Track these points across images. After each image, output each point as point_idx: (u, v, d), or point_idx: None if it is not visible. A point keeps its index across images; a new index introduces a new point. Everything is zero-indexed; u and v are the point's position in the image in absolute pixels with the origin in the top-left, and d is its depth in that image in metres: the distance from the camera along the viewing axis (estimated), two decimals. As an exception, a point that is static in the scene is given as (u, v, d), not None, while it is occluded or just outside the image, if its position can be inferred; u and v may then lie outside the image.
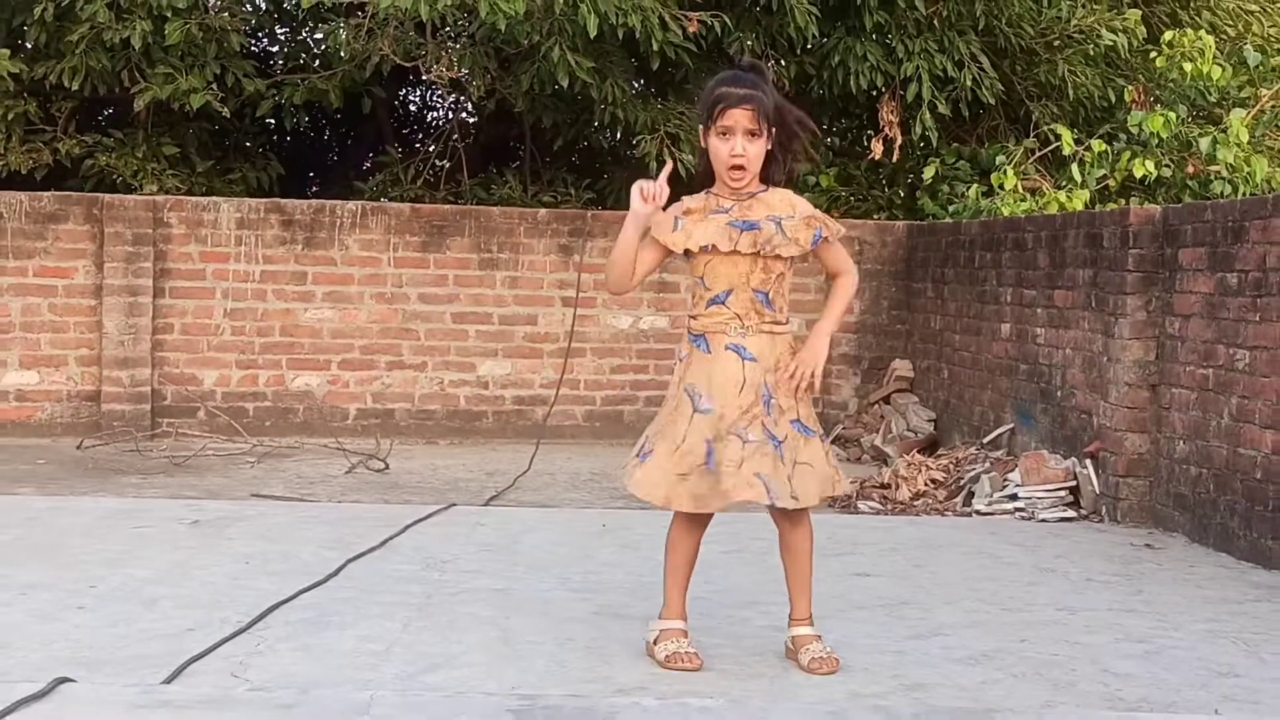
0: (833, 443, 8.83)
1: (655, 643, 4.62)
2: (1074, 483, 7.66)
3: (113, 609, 5.12)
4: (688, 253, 4.58)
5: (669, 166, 4.66)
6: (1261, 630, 5.24)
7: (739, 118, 4.45)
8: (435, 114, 14.27)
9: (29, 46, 10.70)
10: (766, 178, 4.59)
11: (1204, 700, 4.37)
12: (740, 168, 4.48)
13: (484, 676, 4.40)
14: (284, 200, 10.58)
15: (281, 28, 12.48)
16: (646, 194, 4.46)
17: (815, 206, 4.76)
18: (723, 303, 4.53)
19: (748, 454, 4.44)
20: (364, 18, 10.34)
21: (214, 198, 10.54)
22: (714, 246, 4.49)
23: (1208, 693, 4.45)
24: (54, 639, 4.70)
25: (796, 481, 4.48)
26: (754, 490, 4.44)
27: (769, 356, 4.52)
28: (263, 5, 11.98)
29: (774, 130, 4.51)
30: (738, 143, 4.46)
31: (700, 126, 4.61)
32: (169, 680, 4.24)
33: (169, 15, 10.18)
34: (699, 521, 4.67)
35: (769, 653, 4.72)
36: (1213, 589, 5.92)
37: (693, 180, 4.95)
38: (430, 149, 12.29)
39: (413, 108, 14.61)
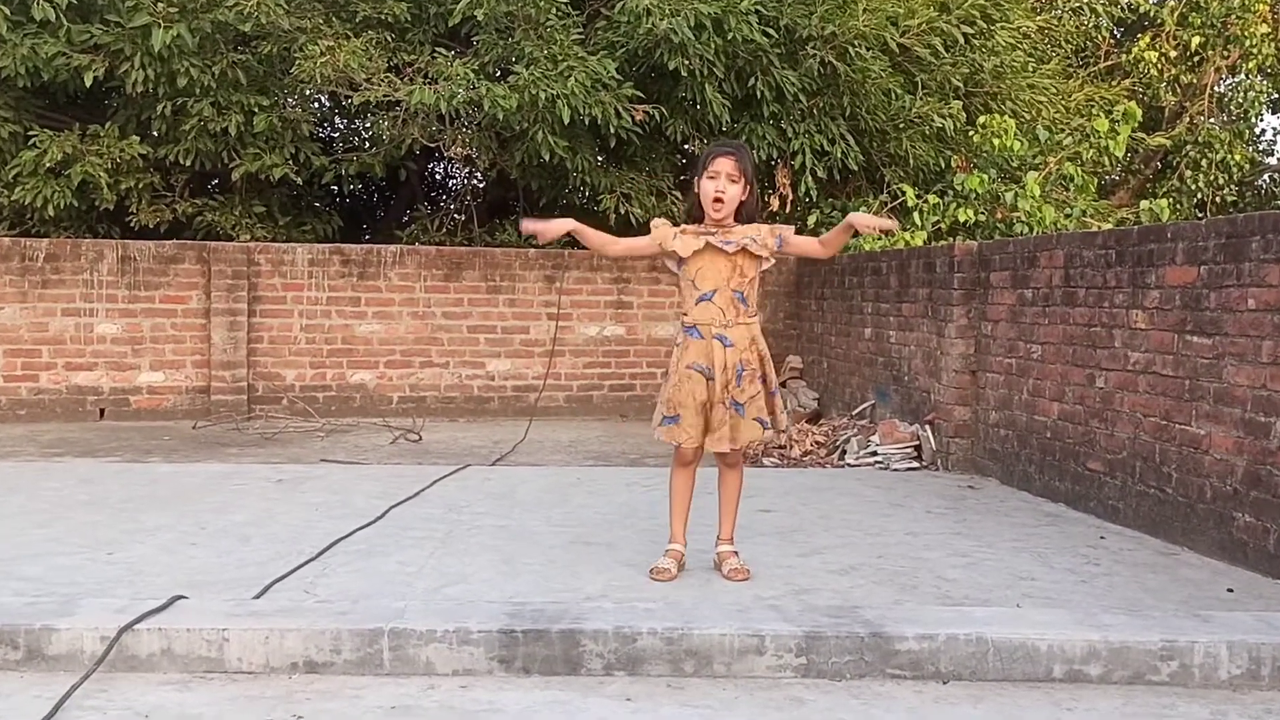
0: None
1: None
2: (918, 442, 7.67)
3: (217, 544, 5.09)
4: (682, 261, 4.57)
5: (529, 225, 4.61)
6: (1051, 546, 5.27)
7: (724, 165, 4.48)
8: (455, 181, 14.17)
9: (154, 134, 10.59)
10: (737, 219, 4.58)
11: (1010, 596, 4.39)
12: (720, 201, 4.48)
13: (489, 589, 4.38)
14: (343, 245, 10.49)
15: (341, 119, 12.38)
16: (533, 228, 4.52)
17: None
18: (710, 300, 4.54)
19: (727, 417, 4.52)
20: (399, 111, 10.27)
21: (291, 244, 10.44)
22: (706, 245, 4.52)
23: (1012, 591, 4.47)
24: (174, 567, 4.67)
25: (736, 432, 4.54)
26: (726, 444, 4.53)
27: (743, 341, 4.56)
28: (326, 103, 11.89)
29: (750, 186, 4.52)
30: (721, 182, 4.48)
31: (695, 177, 4.58)
32: (258, 596, 4.21)
33: (256, 111, 10.10)
34: (694, 459, 4.66)
35: (698, 568, 4.72)
36: (1016, 517, 5.94)
37: (643, 226, 4.93)
38: (450, 207, 12.23)
39: (439, 176, 14.52)
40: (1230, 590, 4.50)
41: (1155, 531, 5.42)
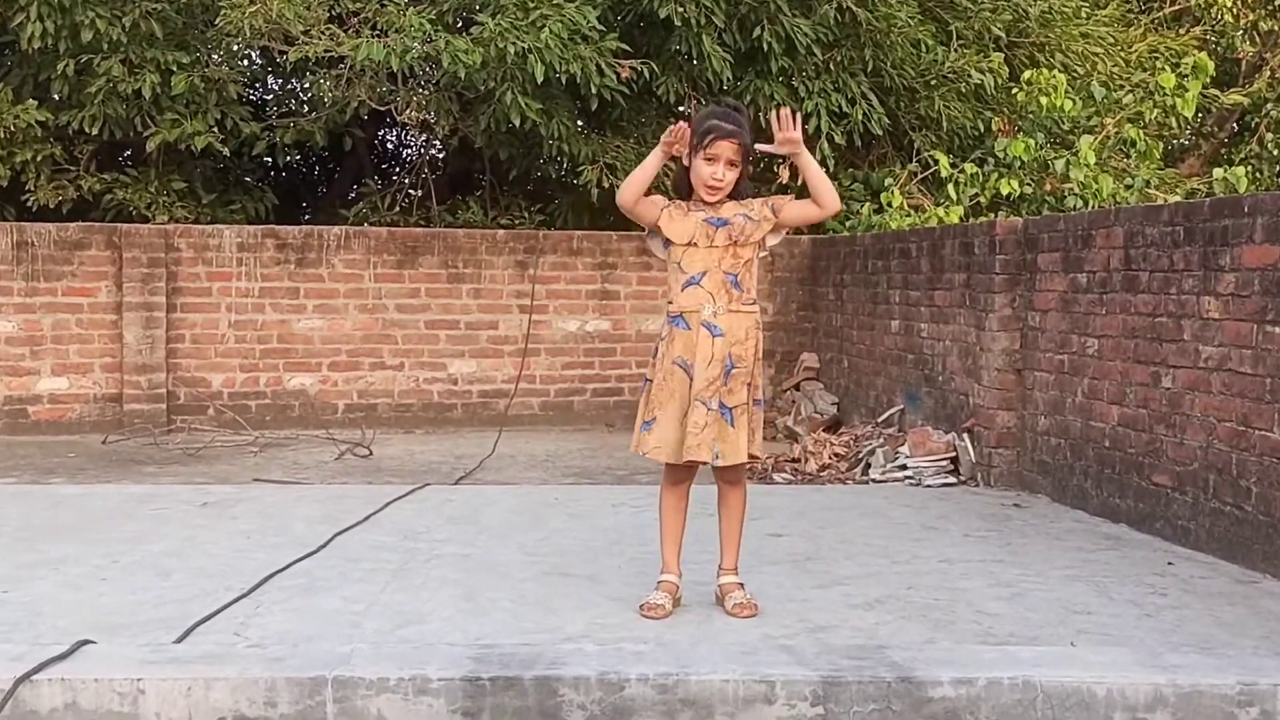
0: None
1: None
2: (954, 454, 7.69)
3: (132, 580, 5.07)
4: (668, 242, 4.60)
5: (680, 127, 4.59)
6: (1110, 573, 5.28)
7: (725, 149, 4.49)
8: (410, 150, 14.18)
9: (55, 98, 10.57)
10: (731, 194, 4.61)
11: (1062, 634, 4.39)
12: (717, 188, 4.52)
13: (450, 630, 4.38)
14: (278, 227, 10.50)
15: (275, 78, 12.38)
16: (676, 134, 4.47)
17: None
18: (698, 284, 4.56)
19: (710, 420, 4.50)
20: (343, 69, 10.27)
21: (217, 225, 10.45)
22: (694, 242, 4.55)
23: (1065, 627, 4.48)
24: (80, 606, 4.64)
25: (728, 446, 4.54)
26: (706, 453, 4.50)
27: (735, 331, 4.56)
28: (258, 60, 11.88)
29: (750, 166, 4.57)
30: (720, 169, 4.49)
31: (688, 151, 4.57)
32: (179, 640, 4.19)
33: (175, 69, 10.10)
34: (685, 477, 4.66)
35: (696, 603, 4.71)
36: (1070, 540, 5.96)
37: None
38: (405, 181, 12.23)
39: (390, 145, 14.53)
40: (1320, 624, 4.52)
41: (1232, 556, 5.44)
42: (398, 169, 13.77)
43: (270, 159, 12.15)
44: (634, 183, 4.59)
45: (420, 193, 11.94)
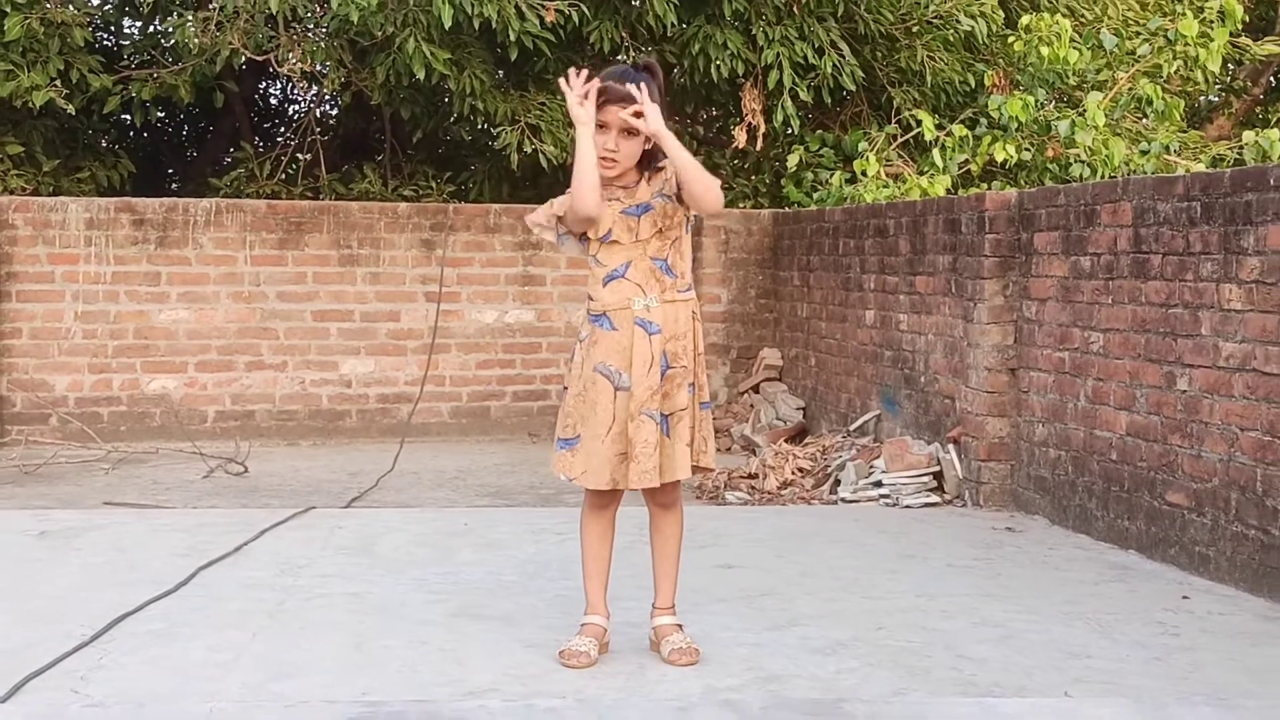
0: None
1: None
2: (937, 468, 7.75)
3: (-51, 626, 5.02)
4: (583, 237, 4.61)
5: (576, 73, 4.55)
6: (1115, 610, 5.34)
7: (615, 116, 4.48)
8: (298, 108, 14.11)
9: None
10: (644, 168, 4.59)
11: (1056, 682, 4.44)
12: (611, 160, 4.51)
13: (333, 683, 4.36)
14: (135, 199, 10.42)
15: (131, 22, 12.26)
16: (574, 87, 4.45)
17: None
18: (622, 276, 4.55)
19: (652, 438, 4.49)
20: (213, 10, 10.20)
21: (61, 198, 10.35)
22: (613, 238, 4.55)
23: (1060, 674, 4.52)
24: (-115, 660, 4.59)
25: (665, 459, 4.54)
26: (651, 478, 4.50)
27: (671, 324, 4.57)
28: (111, 0, 11.79)
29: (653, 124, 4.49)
30: (613, 139, 4.50)
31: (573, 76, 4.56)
32: (4, 699, 4.15)
33: (7, 10, 9.98)
34: (612, 500, 4.67)
35: (628, 649, 4.72)
36: (1070, 571, 6.03)
37: (560, 171, 4.91)
38: (291, 143, 12.15)
39: (275, 102, 14.45)
40: (1355, 668, 4.59)
41: (1257, 588, 5.52)
42: (285, 130, 13.69)
43: (129, 118, 12.04)
44: (586, 179, 4.45)
45: (308, 157, 11.87)
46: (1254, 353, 5.59)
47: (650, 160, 4.58)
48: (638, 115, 4.43)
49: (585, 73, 4.52)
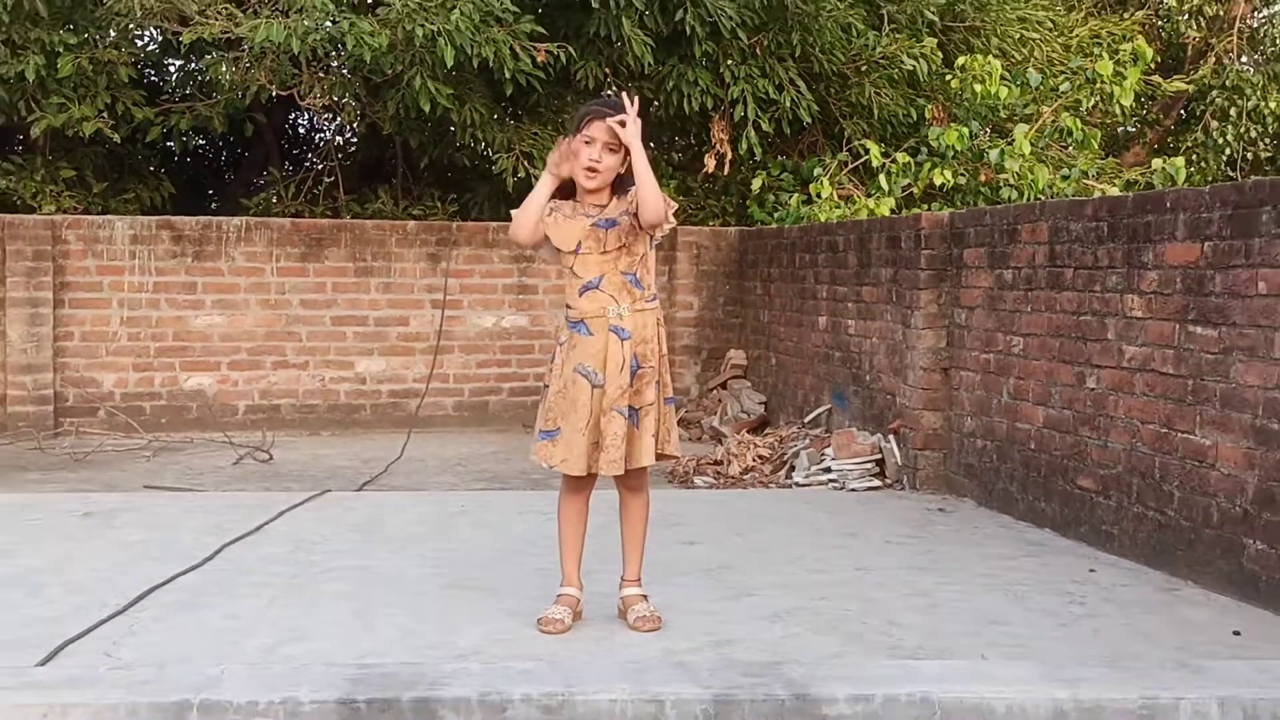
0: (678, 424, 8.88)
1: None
2: (880, 456, 7.76)
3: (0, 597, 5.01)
4: (558, 249, 4.65)
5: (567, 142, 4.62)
6: (1030, 581, 5.36)
7: (601, 130, 4.53)
8: (322, 136, 14.08)
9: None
10: (617, 190, 4.63)
11: (975, 646, 4.46)
12: (594, 170, 4.53)
13: (336, 647, 4.37)
14: (174, 217, 10.40)
15: (171, 60, 12.25)
16: (563, 151, 4.57)
17: None
18: (596, 287, 4.60)
19: (621, 430, 4.53)
20: (243, 51, 10.18)
21: (109, 216, 10.33)
22: (584, 250, 4.59)
23: (978, 639, 4.54)
24: (-60, 627, 4.59)
25: (633, 448, 4.58)
26: (618, 466, 4.54)
27: (640, 331, 4.61)
28: (155, 40, 11.75)
29: (629, 154, 4.54)
30: (597, 150, 4.53)
31: (567, 139, 4.62)
32: (43, 662, 4.15)
33: (61, 50, 9.96)
34: (587, 485, 4.70)
35: (600, 617, 4.74)
36: (992, 547, 6.04)
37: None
38: (314, 168, 12.15)
39: (302, 131, 14.43)
40: (1237, 633, 4.61)
41: (1155, 562, 5.53)
42: (311, 156, 13.66)
43: (171, 145, 12.03)
44: (529, 214, 4.61)
45: (330, 180, 11.86)
46: (1153, 355, 5.61)
47: (622, 183, 4.62)
48: (621, 124, 4.48)
49: (638, 99, 4.62)
